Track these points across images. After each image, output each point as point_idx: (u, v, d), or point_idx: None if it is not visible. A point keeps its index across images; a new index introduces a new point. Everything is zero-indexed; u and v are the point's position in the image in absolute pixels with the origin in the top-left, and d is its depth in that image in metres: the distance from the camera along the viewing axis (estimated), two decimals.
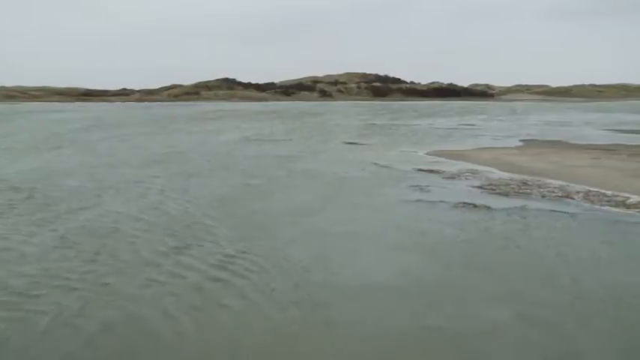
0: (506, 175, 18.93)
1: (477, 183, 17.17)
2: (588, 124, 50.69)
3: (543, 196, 14.95)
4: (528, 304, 7.71)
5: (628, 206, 13.60)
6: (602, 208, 13.51)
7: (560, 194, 15.23)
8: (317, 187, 16.88)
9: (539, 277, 8.76)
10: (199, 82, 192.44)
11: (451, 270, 9.22)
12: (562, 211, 12.99)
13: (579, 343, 6.60)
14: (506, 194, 15.27)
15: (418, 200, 14.63)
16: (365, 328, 6.97)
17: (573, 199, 14.62)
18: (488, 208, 13.47)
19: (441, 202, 14.29)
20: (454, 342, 6.66)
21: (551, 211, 13.14)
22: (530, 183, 17.04)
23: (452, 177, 18.48)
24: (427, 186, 16.62)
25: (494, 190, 15.95)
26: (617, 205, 13.79)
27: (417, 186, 16.60)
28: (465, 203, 14.05)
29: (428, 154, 25.76)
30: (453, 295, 8.06)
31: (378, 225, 12.22)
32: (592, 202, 14.19)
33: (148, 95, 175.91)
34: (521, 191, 15.70)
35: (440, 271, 9.19)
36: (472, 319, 7.20)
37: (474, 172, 19.42)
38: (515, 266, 9.37)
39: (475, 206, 13.66)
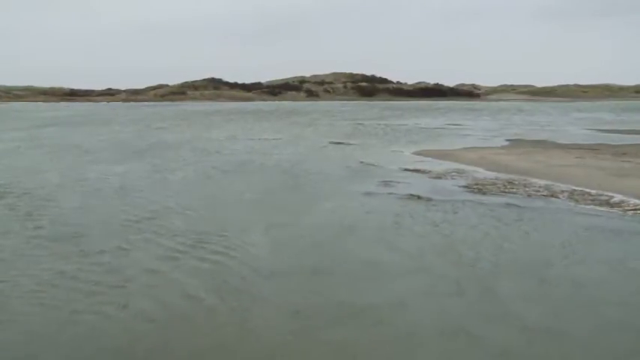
0: (492, 174, 19.04)
1: (463, 182, 17.25)
2: (572, 124, 51.24)
3: (529, 195, 15.06)
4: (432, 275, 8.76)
5: (611, 205, 13.75)
6: (587, 206, 13.66)
7: (545, 193, 15.35)
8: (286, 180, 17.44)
9: (447, 256, 9.82)
10: (185, 82, 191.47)
11: (362, 245, 10.51)
12: (509, 204, 13.11)
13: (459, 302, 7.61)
14: (483, 192, 15.37)
15: (388, 193, 14.74)
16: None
17: (558, 197, 14.76)
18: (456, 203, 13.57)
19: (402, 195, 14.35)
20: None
21: (479, 203, 13.94)
22: (516, 182, 17.16)
23: (437, 177, 18.53)
24: (399, 183, 16.69)
25: (481, 189, 16.02)
26: (601, 204, 13.92)
27: (390, 182, 16.67)
28: (418, 197, 14.71)
29: (414, 153, 25.83)
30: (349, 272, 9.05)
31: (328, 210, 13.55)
32: (577, 200, 14.32)
33: (133, 95, 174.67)
34: (506, 190, 15.80)
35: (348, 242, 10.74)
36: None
37: (459, 172, 19.50)
38: (431, 247, 10.36)
39: (422, 199, 13.74)
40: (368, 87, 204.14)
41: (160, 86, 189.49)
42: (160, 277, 8.74)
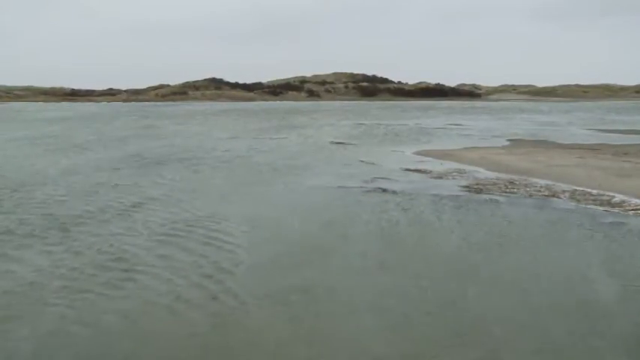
0: (492, 174, 19.06)
1: (464, 182, 17.27)
2: (573, 124, 51.22)
3: (530, 195, 15.08)
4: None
5: (612, 205, 13.76)
6: (588, 206, 13.67)
7: (546, 193, 15.37)
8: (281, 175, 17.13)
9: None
10: (187, 82, 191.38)
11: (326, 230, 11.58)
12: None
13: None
14: (479, 191, 15.39)
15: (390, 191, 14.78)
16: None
17: (559, 197, 14.77)
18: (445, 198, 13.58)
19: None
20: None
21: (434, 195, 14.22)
22: (517, 182, 17.17)
23: (438, 176, 18.55)
24: (399, 181, 16.74)
25: (482, 189, 16.04)
26: (602, 204, 13.94)
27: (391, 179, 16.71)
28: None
29: (415, 153, 25.84)
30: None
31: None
32: (578, 200, 14.34)
33: (134, 95, 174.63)
34: (507, 190, 15.82)
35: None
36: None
37: (460, 172, 19.52)
38: (375, 234, 11.23)
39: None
40: (369, 87, 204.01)
41: (161, 86, 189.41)
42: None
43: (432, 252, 10.16)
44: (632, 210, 13.21)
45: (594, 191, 15.47)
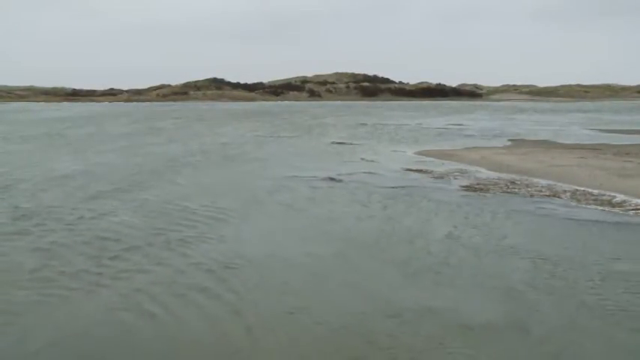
0: (494, 174, 19.09)
1: (465, 182, 17.30)
2: (574, 124, 51.22)
3: (531, 195, 15.11)
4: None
5: (613, 205, 13.79)
6: (589, 206, 13.70)
7: (547, 193, 15.40)
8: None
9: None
10: (188, 82, 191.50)
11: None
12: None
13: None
14: (485, 192, 15.41)
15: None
16: None
17: (560, 197, 14.80)
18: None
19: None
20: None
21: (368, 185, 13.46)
22: (518, 182, 17.21)
23: (440, 176, 18.58)
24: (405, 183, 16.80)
25: (483, 189, 16.07)
26: (602, 203, 13.97)
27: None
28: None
29: (416, 153, 25.87)
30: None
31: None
32: (578, 200, 14.37)
33: (136, 95, 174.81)
34: (509, 190, 15.86)
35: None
36: None
37: (462, 172, 19.55)
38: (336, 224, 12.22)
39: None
40: (370, 87, 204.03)
41: (162, 86, 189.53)
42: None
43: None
44: (633, 210, 13.24)
45: (595, 191, 15.49)
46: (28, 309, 7.40)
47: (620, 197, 14.59)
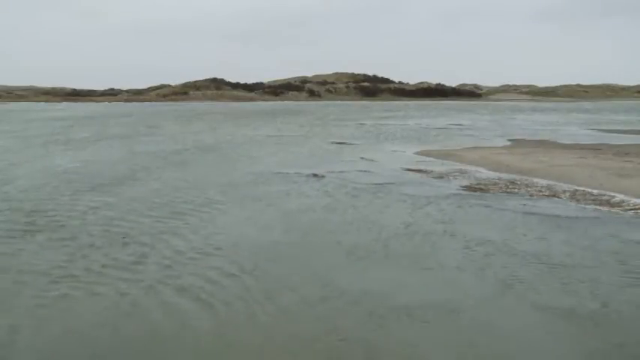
0: (494, 174, 19.09)
1: (465, 182, 17.30)
2: (574, 124, 51.26)
3: (531, 195, 15.11)
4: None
5: (612, 205, 13.79)
6: (588, 206, 13.71)
7: (547, 193, 15.40)
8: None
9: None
10: (188, 82, 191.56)
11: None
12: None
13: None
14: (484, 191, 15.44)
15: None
16: None
17: (560, 197, 14.81)
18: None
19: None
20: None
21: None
22: (518, 182, 17.21)
23: (439, 176, 18.58)
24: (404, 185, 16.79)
25: (483, 189, 16.08)
26: (601, 203, 13.97)
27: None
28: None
29: (416, 153, 25.87)
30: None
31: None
32: (578, 200, 14.38)
33: (135, 95, 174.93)
34: (508, 190, 15.86)
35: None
36: None
37: (461, 172, 19.55)
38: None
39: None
40: (370, 87, 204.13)
41: (162, 86, 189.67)
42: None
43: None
44: (632, 209, 13.25)
45: (595, 191, 15.50)
46: None
47: (619, 197, 14.60)
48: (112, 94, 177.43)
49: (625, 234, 11.12)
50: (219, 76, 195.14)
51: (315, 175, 18.63)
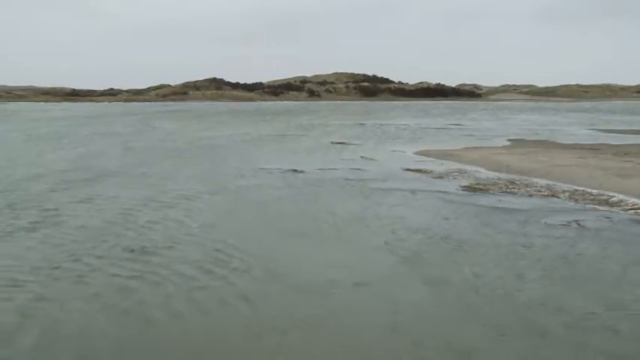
0: (493, 174, 19.10)
1: (465, 182, 17.31)
2: (574, 124, 51.26)
3: (530, 195, 15.13)
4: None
5: (611, 204, 13.80)
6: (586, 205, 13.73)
7: (546, 193, 15.41)
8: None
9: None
10: (187, 82, 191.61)
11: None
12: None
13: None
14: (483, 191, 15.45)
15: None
16: None
17: (559, 197, 14.82)
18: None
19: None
20: None
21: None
22: (517, 182, 17.22)
23: (439, 176, 18.59)
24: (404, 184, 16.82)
25: (482, 189, 16.09)
26: (600, 203, 13.98)
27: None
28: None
29: (415, 153, 25.88)
30: None
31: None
32: (577, 200, 14.39)
33: (135, 95, 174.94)
34: (508, 190, 15.87)
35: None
36: None
37: (461, 172, 19.55)
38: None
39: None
40: (370, 87, 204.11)
41: (162, 86, 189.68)
42: None
43: None
44: (631, 209, 13.26)
45: (594, 191, 15.51)
46: None
47: (618, 197, 14.61)
48: (111, 94, 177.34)
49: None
50: (218, 76, 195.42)
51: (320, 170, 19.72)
